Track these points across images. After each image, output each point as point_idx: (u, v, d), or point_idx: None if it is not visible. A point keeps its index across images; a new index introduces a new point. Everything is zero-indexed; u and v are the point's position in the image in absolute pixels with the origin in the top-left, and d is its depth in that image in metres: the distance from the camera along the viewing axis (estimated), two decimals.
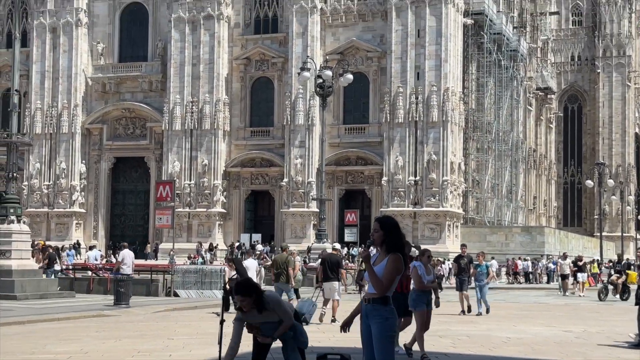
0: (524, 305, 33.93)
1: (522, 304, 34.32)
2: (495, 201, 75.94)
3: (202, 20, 64.71)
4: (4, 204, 21.67)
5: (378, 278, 8.52)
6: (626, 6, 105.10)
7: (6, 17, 72.29)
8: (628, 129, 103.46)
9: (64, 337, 17.42)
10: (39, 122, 67.92)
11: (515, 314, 28.20)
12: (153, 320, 23.78)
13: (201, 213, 64.27)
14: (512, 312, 29.57)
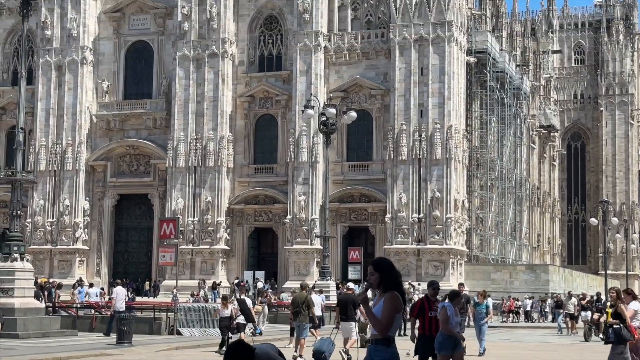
0: (529, 344, 33.60)
1: (527, 344, 33.97)
2: (499, 239, 75.73)
3: (207, 58, 65.05)
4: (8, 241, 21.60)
5: (377, 319, 8.51)
6: (628, 45, 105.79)
7: (12, 55, 72.71)
8: (631, 167, 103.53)
9: None
10: (44, 159, 67.99)
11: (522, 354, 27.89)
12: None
13: (204, 250, 64.03)
14: (518, 351, 29.27)
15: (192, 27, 65.41)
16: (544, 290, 60.82)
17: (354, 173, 63.70)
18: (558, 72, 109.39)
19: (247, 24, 66.34)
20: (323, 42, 63.49)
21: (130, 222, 69.56)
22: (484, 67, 71.59)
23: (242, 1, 66.28)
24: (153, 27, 68.80)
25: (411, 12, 61.36)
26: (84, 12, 68.45)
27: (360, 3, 65.18)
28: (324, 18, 63.89)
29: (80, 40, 68.24)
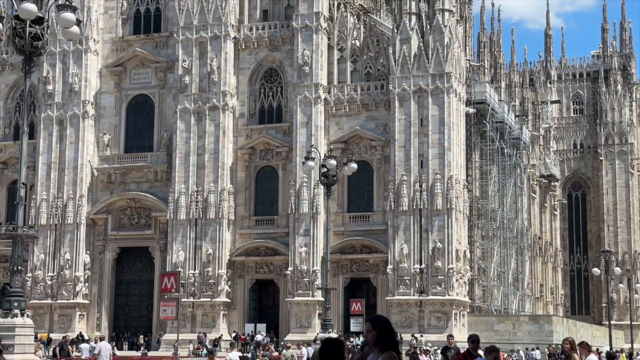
0: None
1: None
2: (501, 289, 75.43)
3: (208, 111, 65.43)
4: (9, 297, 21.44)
5: None
6: (626, 95, 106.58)
7: (14, 110, 73.11)
8: (633, 216, 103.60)
9: None
10: (45, 213, 68.01)
11: None
12: None
13: (205, 303, 63.65)
14: None
15: (192, 81, 65.96)
16: (548, 341, 60.28)
17: (355, 224, 63.64)
18: (557, 122, 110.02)
19: (248, 77, 66.88)
20: (323, 94, 63.93)
21: (131, 275, 69.30)
22: (484, 118, 72.01)
23: (243, 55, 66.92)
24: (154, 81, 69.35)
25: (410, 64, 61.89)
26: (86, 67, 69.09)
27: (360, 55, 65.80)
28: (323, 70, 64.44)
29: (81, 94, 68.74)
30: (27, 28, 20.90)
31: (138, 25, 70.77)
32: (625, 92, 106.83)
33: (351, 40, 66.06)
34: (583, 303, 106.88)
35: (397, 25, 63.88)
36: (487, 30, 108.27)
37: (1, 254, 68.20)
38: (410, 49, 62.03)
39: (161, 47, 69.35)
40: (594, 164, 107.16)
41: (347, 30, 66.21)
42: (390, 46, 63.22)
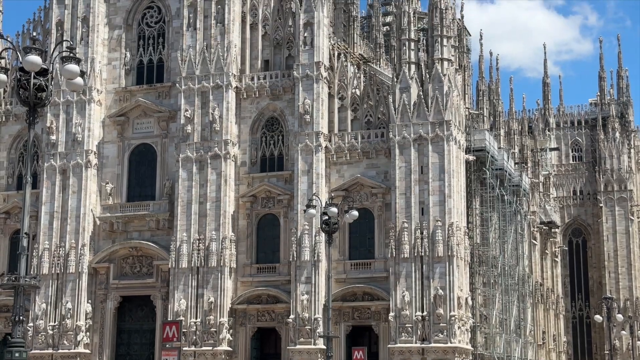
0: None
1: None
2: (504, 336, 74.93)
3: (210, 160, 65.64)
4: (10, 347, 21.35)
5: None
6: (625, 142, 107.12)
7: (17, 160, 73.33)
8: (634, 263, 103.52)
9: None
10: (47, 262, 67.83)
11: None
12: None
13: (207, 352, 63.12)
14: None
15: (194, 130, 66.29)
16: None
17: (357, 271, 63.44)
18: (556, 169, 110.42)
19: (249, 125, 67.21)
20: (324, 143, 64.19)
21: (132, 324, 68.85)
22: (483, 165, 72.17)
23: (244, 104, 67.35)
24: (156, 130, 69.67)
25: (410, 112, 62.22)
26: (89, 117, 69.47)
27: (360, 104, 66.19)
28: (324, 119, 64.78)
29: (84, 144, 69.02)
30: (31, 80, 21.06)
31: (141, 75, 71.34)
32: (624, 139, 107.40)
33: (351, 89, 66.51)
34: (586, 350, 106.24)
35: (397, 74, 64.38)
36: (485, 79, 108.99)
37: (2, 303, 67.92)
38: (410, 98, 62.42)
39: (164, 97, 69.79)
40: (593, 211, 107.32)
41: (348, 79, 66.70)
42: (390, 95, 63.61)
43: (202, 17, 67.76)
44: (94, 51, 70.32)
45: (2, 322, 68.52)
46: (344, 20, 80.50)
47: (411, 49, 63.83)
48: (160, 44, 71.08)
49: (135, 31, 72.03)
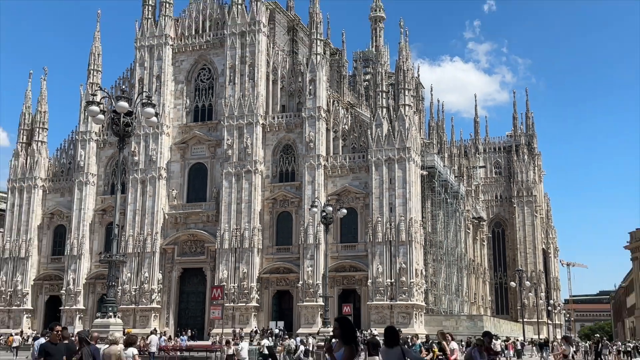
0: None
1: None
2: (447, 296, 74.92)
3: (244, 174, 65.73)
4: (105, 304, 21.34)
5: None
6: (531, 162, 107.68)
7: (111, 174, 73.34)
8: (537, 246, 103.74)
9: None
10: (131, 244, 67.92)
11: None
12: None
13: (242, 307, 63.16)
14: None
15: (233, 153, 66.40)
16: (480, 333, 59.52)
17: (345, 251, 63.40)
18: (483, 180, 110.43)
19: (271, 150, 67.31)
20: (322, 162, 64.27)
21: (189, 288, 68.75)
22: (433, 178, 72.40)
23: (268, 135, 67.45)
24: (207, 153, 69.75)
25: (382, 141, 62.36)
26: (161, 144, 69.62)
27: (348, 135, 66.27)
28: (323, 146, 64.86)
29: (157, 163, 69.16)
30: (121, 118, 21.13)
31: (196, 115, 71.51)
32: (530, 160, 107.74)
33: (342, 125, 66.65)
34: (504, 306, 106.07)
35: (373, 115, 64.61)
36: (434, 118, 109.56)
37: (100, 273, 67.92)
38: (382, 131, 62.58)
39: (212, 130, 69.91)
40: (509, 210, 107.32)
41: (339, 119, 66.85)
42: (368, 129, 63.76)
43: (239, 75, 67.99)
44: (164, 99, 70.53)
45: (100, 286, 68.52)
46: (337, 78, 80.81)
47: (383, 97, 64.15)
48: (210, 94, 71.26)
49: (193, 85, 72.25)
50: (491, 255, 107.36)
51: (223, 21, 70.52)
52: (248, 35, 68.28)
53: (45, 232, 74.53)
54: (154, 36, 72.06)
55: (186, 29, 72.45)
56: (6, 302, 72.48)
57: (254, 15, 68.43)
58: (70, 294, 69.90)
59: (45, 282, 73.40)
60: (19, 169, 75.16)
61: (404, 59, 64.59)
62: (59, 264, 72.74)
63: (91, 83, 73.45)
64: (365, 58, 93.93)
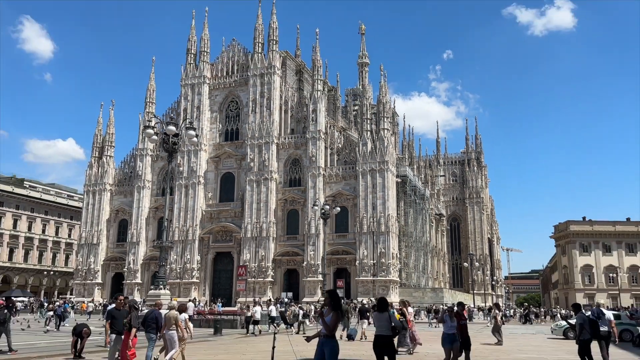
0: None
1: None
2: (416, 274, 74.55)
3: (262, 181, 65.58)
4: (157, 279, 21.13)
5: (328, 325, 8.58)
6: (479, 172, 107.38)
7: (162, 180, 73.20)
8: (484, 235, 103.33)
9: (190, 353, 16.50)
10: (177, 234, 67.67)
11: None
12: (235, 344, 22.76)
13: (260, 281, 62.88)
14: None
15: (255, 165, 66.29)
16: (441, 302, 59.23)
17: (339, 239, 63.13)
18: (443, 186, 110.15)
19: (283, 163, 67.16)
20: (322, 172, 64.12)
21: (221, 267, 68.45)
22: (405, 184, 72.19)
23: (280, 152, 67.32)
24: (235, 165, 69.58)
25: (367, 156, 62.25)
26: (199, 158, 69.50)
27: (341, 152, 66.13)
28: (322, 160, 64.71)
29: (197, 172, 69.02)
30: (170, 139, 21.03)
31: (227, 136, 71.40)
32: (478, 170, 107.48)
33: (337, 144, 66.53)
34: (459, 281, 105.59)
35: (360, 136, 64.43)
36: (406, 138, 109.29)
37: (153, 255, 67.62)
38: (367, 149, 62.47)
39: (239, 148, 69.78)
40: (463, 208, 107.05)
41: (334, 139, 66.72)
42: (356, 147, 63.66)
43: (259, 106, 67.97)
44: (203, 124, 70.47)
45: (153, 265, 68.27)
46: (333, 108, 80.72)
47: (368, 123, 64.05)
48: (237, 120, 71.18)
49: (224, 113, 72.17)
50: (449, 242, 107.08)
51: (247, 65, 70.62)
52: (266, 76, 68.35)
53: (112, 224, 74.38)
54: (194, 77, 72.12)
55: (219, 71, 72.53)
56: (82, 277, 72.42)
57: (271, 62, 68.53)
58: (130, 271, 69.68)
59: (111, 262, 73.21)
60: (92, 177, 75.12)
61: (383, 94, 64.62)
62: (122, 248, 72.58)
63: (147, 112, 73.49)
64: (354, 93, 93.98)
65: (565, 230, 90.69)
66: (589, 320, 14.12)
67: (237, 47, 72.60)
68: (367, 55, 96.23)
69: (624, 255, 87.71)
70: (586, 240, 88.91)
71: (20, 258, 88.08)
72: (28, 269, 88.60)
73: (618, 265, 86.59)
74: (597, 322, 14.46)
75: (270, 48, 68.74)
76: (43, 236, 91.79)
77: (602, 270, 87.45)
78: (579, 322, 14.08)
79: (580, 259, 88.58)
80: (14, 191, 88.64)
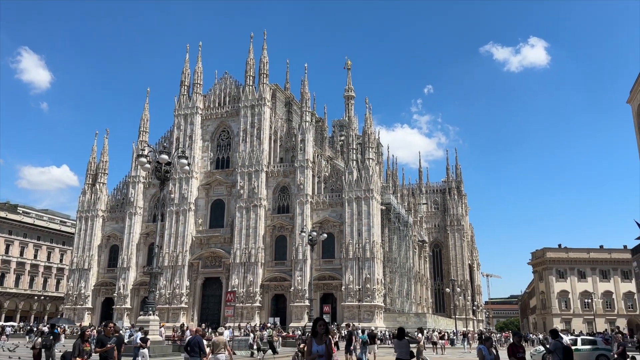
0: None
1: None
2: (400, 299, 73.93)
3: (252, 208, 65.25)
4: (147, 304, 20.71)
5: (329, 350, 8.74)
6: (460, 200, 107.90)
7: (153, 207, 72.54)
8: (465, 262, 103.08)
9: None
10: (167, 260, 66.56)
11: None
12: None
13: (248, 306, 61.81)
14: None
15: (245, 192, 66.04)
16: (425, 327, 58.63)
17: (325, 265, 62.62)
18: (425, 213, 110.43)
19: (272, 190, 67.04)
20: (309, 199, 64.07)
21: (210, 292, 67.28)
22: (389, 211, 72.27)
23: (269, 179, 67.29)
24: (225, 192, 69.26)
25: (353, 184, 62.45)
26: (191, 185, 69.10)
27: (327, 180, 66.28)
28: (309, 187, 64.76)
29: (188, 199, 68.51)
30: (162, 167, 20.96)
31: (218, 164, 71.29)
32: (459, 199, 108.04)
33: (324, 172, 66.74)
34: (441, 306, 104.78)
35: (346, 165, 64.80)
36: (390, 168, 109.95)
37: (143, 281, 66.33)
38: (353, 177, 62.74)
39: (229, 176, 69.63)
40: (444, 235, 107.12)
41: (322, 168, 66.97)
42: (343, 175, 63.89)
43: (249, 136, 68.23)
44: (194, 152, 70.36)
45: (143, 290, 66.87)
46: (320, 138, 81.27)
47: (353, 153, 64.50)
48: (228, 149, 71.25)
49: (215, 142, 72.23)
50: (432, 268, 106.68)
51: (238, 97, 71.16)
52: (256, 108, 68.85)
53: (103, 250, 73.04)
54: (187, 107, 72.38)
55: (211, 102, 72.93)
56: (73, 302, 70.59)
57: (261, 94, 69.18)
58: (120, 296, 68.10)
59: (102, 287, 71.56)
60: (85, 203, 74.12)
61: (368, 125, 65.36)
62: (113, 274, 71.12)
63: (141, 140, 73.29)
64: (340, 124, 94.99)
65: (542, 257, 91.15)
66: (562, 348, 14.07)
67: (229, 79, 73.27)
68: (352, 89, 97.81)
69: (598, 281, 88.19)
70: (562, 267, 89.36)
71: (12, 283, 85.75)
72: (19, 293, 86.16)
73: (593, 291, 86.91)
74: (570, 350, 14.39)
75: (261, 81, 69.49)
76: (35, 261, 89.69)
77: (577, 296, 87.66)
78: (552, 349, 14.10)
79: (557, 284, 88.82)
80: (7, 217, 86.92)
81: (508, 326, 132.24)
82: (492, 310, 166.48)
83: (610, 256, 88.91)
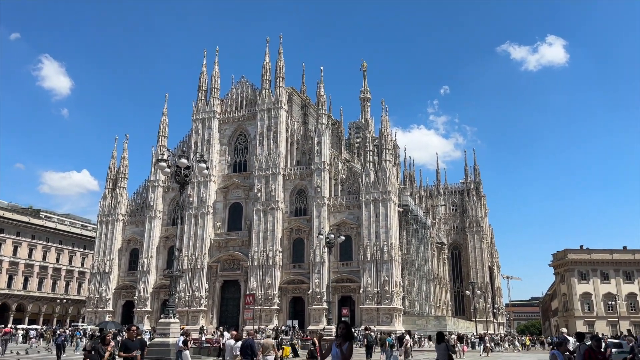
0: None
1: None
2: (419, 302, 73.32)
3: (269, 210, 65.41)
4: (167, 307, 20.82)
5: (345, 354, 8.71)
6: (478, 202, 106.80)
7: (173, 211, 73.26)
8: (484, 264, 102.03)
9: None
10: (186, 263, 67.10)
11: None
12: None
13: (266, 309, 61.85)
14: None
15: (262, 195, 66.26)
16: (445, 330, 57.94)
17: (343, 267, 62.44)
18: (444, 215, 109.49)
19: (289, 193, 67.12)
20: (326, 202, 63.98)
21: (229, 295, 67.60)
22: (407, 213, 71.79)
23: (287, 182, 67.41)
24: (243, 195, 69.60)
25: (370, 186, 62.19)
26: (209, 189, 69.60)
27: (345, 182, 66.15)
28: (327, 190, 64.68)
29: (206, 202, 68.99)
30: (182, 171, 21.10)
31: (235, 168, 71.70)
32: (478, 200, 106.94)
33: (340, 175, 66.62)
34: (461, 309, 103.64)
35: (363, 167, 64.59)
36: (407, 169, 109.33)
37: (163, 284, 66.94)
38: (370, 179, 62.48)
39: (247, 179, 69.96)
40: (463, 237, 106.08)
41: (338, 170, 66.88)
42: (360, 178, 63.69)
43: (266, 139, 68.50)
44: (212, 156, 70.90)
45: (163, 293, 67.56)
46: (336, 141, 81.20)
47: (370, 155, 64.29)
48: (245, 152, 71.62)
49: (233, 146, 72.69)
50: (451, 270, 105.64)
51: (255, 101, 71.54)
52: (273, 111, 69.12)
53: (123, 253, 74.01)
54: (205, 112, 73.03)
55: (229, 107, 73.47)
56: (94, 305, 71.60)
57: (277, 97, 69.43)
58: (141, 299, 68.88)
59: (122, 291, 72.49)
60: (106, 207, 75.22)
61: (385, 127, 65.08)
62: (133, 277, 72.00)
63: (160, 145, 74.15)
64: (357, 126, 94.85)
65: (563, 258, 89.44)
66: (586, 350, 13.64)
67: (246, 83, 73.72)
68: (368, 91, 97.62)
69: (622, 283, 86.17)
70: (584, 269, 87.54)
71: (35, 286, 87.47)
72: (42, 297, 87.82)
73: (616, 293, 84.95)
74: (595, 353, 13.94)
75: (277, 84, 69.75)
76: (57, 265, 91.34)
77: (600, 298, 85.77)
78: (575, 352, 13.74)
79: (579, 286, 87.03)
80: (30, 221, 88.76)
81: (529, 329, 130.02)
82: (513, 312, 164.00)
83: (634, 257, 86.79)
